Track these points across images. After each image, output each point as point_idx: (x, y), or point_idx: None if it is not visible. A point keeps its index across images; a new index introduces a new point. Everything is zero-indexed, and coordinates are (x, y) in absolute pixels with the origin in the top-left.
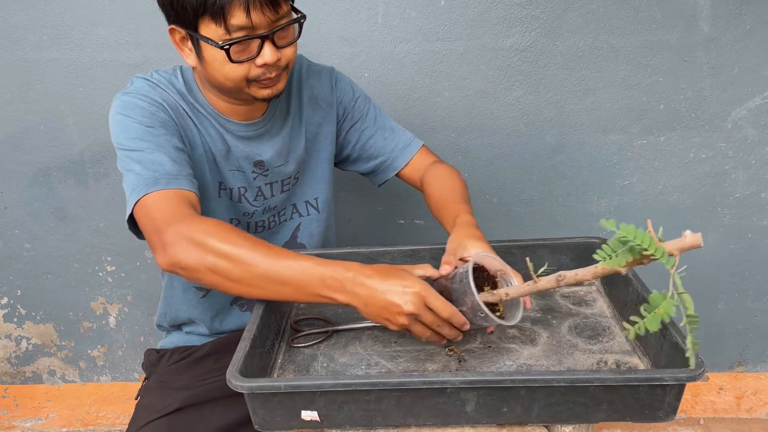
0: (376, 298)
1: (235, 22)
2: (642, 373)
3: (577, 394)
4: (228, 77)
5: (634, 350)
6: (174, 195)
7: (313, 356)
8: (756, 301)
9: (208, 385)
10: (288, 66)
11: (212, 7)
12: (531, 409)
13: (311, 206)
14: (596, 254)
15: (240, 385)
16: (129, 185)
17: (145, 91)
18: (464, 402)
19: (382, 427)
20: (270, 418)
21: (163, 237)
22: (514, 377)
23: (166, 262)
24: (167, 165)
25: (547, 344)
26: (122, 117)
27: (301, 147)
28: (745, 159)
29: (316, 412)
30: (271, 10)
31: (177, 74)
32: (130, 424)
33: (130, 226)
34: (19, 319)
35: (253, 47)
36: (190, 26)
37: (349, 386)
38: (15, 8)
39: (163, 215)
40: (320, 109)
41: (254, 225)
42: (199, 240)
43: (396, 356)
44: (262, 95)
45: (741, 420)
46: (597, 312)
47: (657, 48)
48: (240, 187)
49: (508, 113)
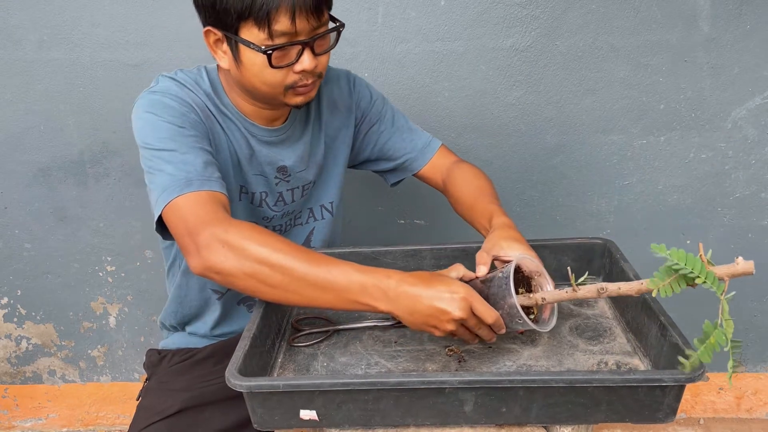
0: (422, 305)
1: (279, 27)
2: (641, 374)
3: (576, 395)
4: (266, 82)
5: (635, 351)
6: (207, 197)
7: (313, 355)
8: (756, 301)
9: (209, 387)
10: (322, 74)
11: (258, 11)
12: (530, 410)
13: (326, 210)
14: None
15: (239, 384)
16: (159, 185)
17: (174, 91)
18: (462, 402)
19: (381, 426)
20: (269, 417)
21: (198, 240)
22: (513, 377)
23: (200, 265)
24: (199, 167)
25: (548, 345)
26: (151, 116)
27: (320, 152)
28: (745, 159)
29: (315, 411)
30: (315, 18)
31: (202, 74)
32: (131, 426)
33: (158, 227)
34: (19, 319)
35: (293, 53)
36: (231, 29)
37: (347, 386)
38: (15, 8)
39: (198, 218)
40: (339, 114)
41: (272, 229)
42: (236, 244)
43: (396, 356)
44: (296, 102)
45: (741, 420)
46: (598, 313)
47: (657, 48)
48: (262, 192)
49: (508, 113)
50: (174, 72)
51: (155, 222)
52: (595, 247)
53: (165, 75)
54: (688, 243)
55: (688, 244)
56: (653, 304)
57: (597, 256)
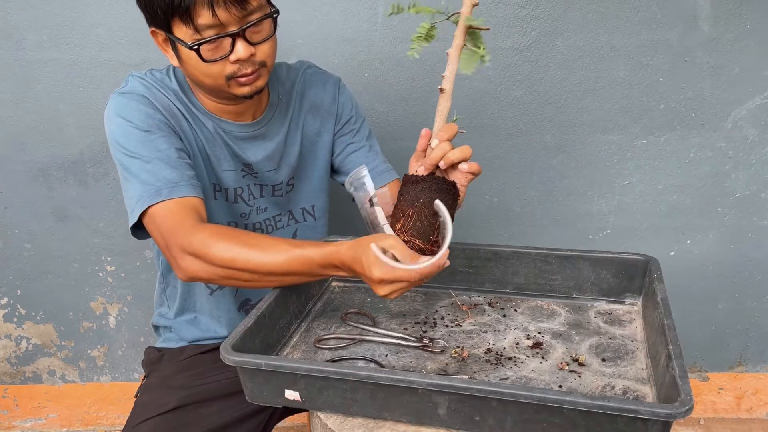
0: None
1: (202, 21)
2: (616, 402)
3: (551, 415)
4: (206, 74)
5: (649, 379)
6: (175, 205)
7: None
8: (756, 301)
9: (207, 385)
10: (267, 63)
11: (179, 8)
12: (504, 422)
13: (308, 213)
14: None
15: (227, 358)
16: (131, 194)
17: (141, 91)
18: (436, 405)
19: (360, 416)
20: (258, 392)
21: (172, 253)
22: (481, 387)
23: (182, 276)
24: (167, 172)
25: (559, 360)
26: (120, 120)
27: (295, 153)
28: (745, 159)
29: (298, 393)
30: (237, 7)
31: (170, 74)
32: (128, 422)
33: (132, 231)
34: (19, 319)
35: (226, 45)
36: (164, 28)
37: (322, 372)
38: (15, 8)
39: (168, 229)
40: (320, 117)
41: (252, 227)
42: (200, 252)
43: (401, 351)
44: (242, 92)
45: (741, 420)
46: (628, 334)
47: (657, 48)
48: (236, 188)
49: (508, 113)
50: (144, 72)
51: (130, 228)
52: (637, 263)
53: (134, 75)
54: (688, 243)
55: (689, 244)
56: (668, 331)
57: (638, 273)
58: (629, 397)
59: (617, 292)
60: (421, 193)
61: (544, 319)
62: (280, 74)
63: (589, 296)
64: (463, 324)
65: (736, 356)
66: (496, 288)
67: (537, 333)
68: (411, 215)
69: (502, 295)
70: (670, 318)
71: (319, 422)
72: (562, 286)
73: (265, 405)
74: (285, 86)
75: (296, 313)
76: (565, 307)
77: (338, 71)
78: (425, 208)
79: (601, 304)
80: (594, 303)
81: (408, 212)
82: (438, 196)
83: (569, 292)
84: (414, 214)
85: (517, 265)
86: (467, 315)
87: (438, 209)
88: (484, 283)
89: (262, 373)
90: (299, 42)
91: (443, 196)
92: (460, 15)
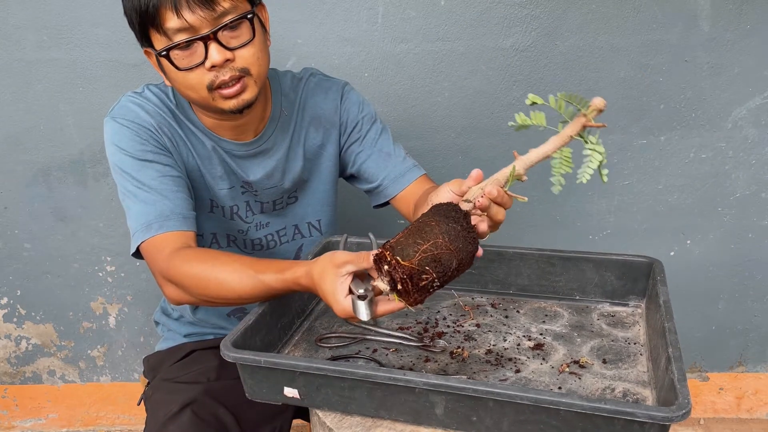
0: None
1: (170, 25)
2: (612, 404)
3: (547, 416)
4: (186, 86)
5: (650, 382)
6: (162, 241)
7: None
8: (756, 301)
9: (220, 373)
10: (250, 70)
11: (146, 15)
12: (501, 423)
13: (313, 227)
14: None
15: (228, 354)
16: (128, 223)
17: (132, 116)
18: (433, 404)
19: (358, 414)
20: (258, 388)
21: (158, 281)
22: (477, 387)
23: (170, 302)
24: (159, 204)
25: (560, 362)
26: (115, 148)
27: (297, 167)
28: (745, 159)
29: (297, 390)
30: (204, 8)
31: (169, 90)
32: (149, 422)
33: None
34: (19, 319)
35: (200, 51)
36: (148, 43)
37: (320, 370)
38: (15, 8)
39: (154, 260)
40: (322, 129)
41: (251, 243)
42: (177, 280)
43: (402, 350)
44: (228, 107)
45: (741, 420)
46: (631, 336)
47: (657, 48)
48: (232, 206)
49: (508, 113)
50: (142, 87)
51: (132, 255)
52: (641, 265)
53: (129, 94)
54: (688, 243)
55: (689, 244)
56: (668, 334)
57: (642, 275)
58: (629, 400)
59: (621, 294)
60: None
61: (547, 320)
62: (284, 85)
63: (592, 298)
64: (465, 324)
65: (736, 356)
66: (499, 289)
67: (539, 334)
68: (427, 249)
69: (505, 296)
70: (672, 321)
71: (318, 420)
72: (566, 288)
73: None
74: (288, 97)
75: (298, 312)
76: (568, 309)
77: (338, 71)
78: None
79: (605, 306)
80: (597, 305)
81: (428, 242)
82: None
83: (572, 293)
84: (431, 248)
85: (520, 266)
86: (469, 315)
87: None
88: (487, 283)
89: (261, 370)
90: (299, 42)
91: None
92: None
